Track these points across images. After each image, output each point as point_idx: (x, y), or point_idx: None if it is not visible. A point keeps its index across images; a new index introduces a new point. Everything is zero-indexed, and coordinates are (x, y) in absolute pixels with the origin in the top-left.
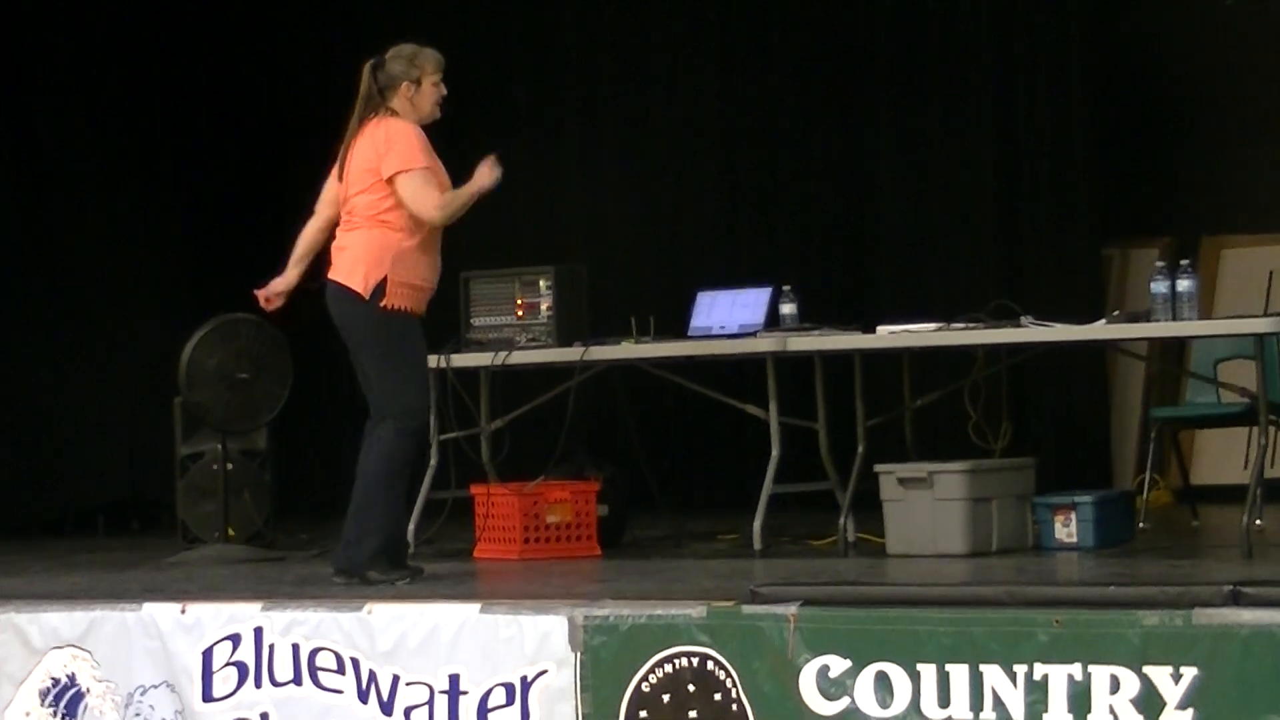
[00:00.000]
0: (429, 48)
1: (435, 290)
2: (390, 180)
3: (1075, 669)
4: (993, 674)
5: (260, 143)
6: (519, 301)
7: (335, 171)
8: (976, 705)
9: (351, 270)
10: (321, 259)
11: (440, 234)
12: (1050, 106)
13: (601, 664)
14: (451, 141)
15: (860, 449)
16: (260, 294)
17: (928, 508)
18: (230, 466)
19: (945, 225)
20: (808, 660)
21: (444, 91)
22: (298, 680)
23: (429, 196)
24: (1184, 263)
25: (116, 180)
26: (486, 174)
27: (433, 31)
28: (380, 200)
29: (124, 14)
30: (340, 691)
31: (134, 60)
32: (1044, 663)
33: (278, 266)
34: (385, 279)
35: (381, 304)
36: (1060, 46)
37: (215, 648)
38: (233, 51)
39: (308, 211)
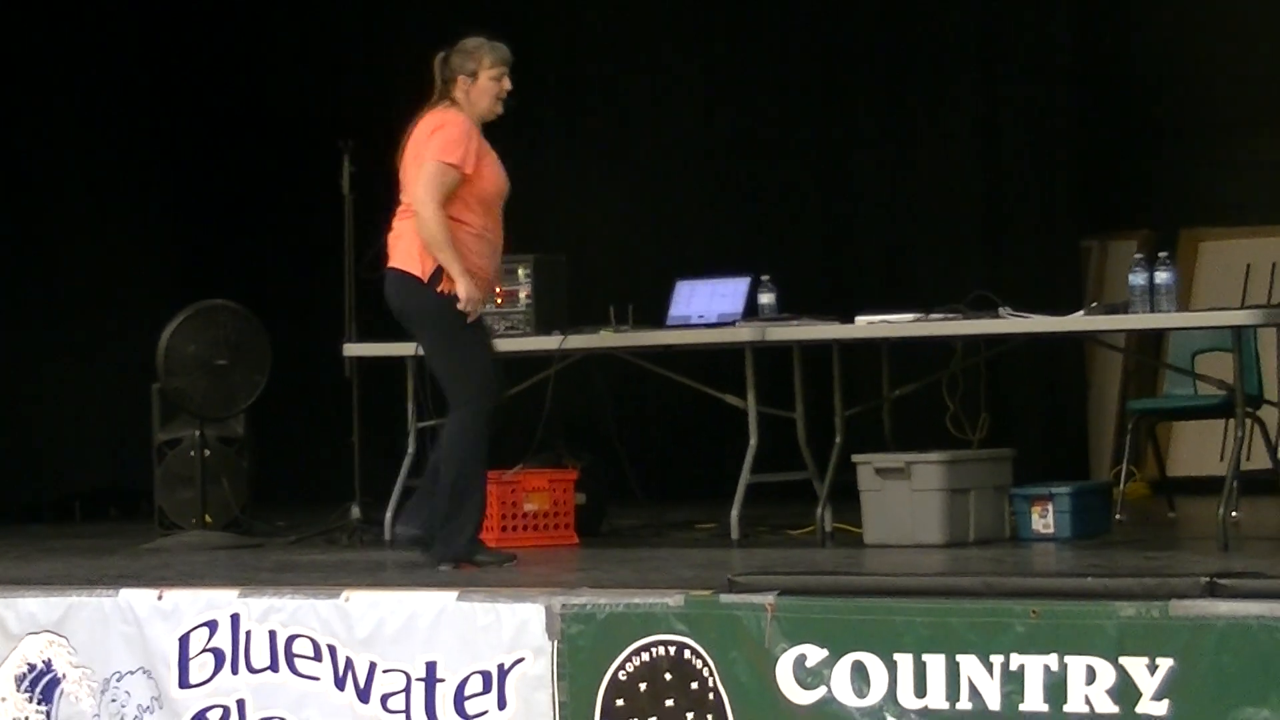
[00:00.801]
0: (496, 42)
1: (497, 279)
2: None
3: (1052, 660)
4: (969, 664)
5: (245, 137)
6: (498, 290)
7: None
8: (953, 695)
9: (409, 255)
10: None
11: (500, 222)
12: (1031, 99)
13: (579, 652)
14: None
15: (838, 439)
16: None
17: (905, 498)
18: (208, 453)
19: (925, 216)
20: (785, 649)
21: (506, 87)
22: (274, 667)
23: (429, 195)
24: (1162, 255)
25: (99, 170)
26: (465, 290)
27: (416, 24)
28: None
29: (111, 10)
30: (317, 678)
31: (120, 56)
32: (1020, 653)
33: (255, 254)
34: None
35: (440, 287)
36: (1044, 39)
37: (192, 634)
38: (219, 48)
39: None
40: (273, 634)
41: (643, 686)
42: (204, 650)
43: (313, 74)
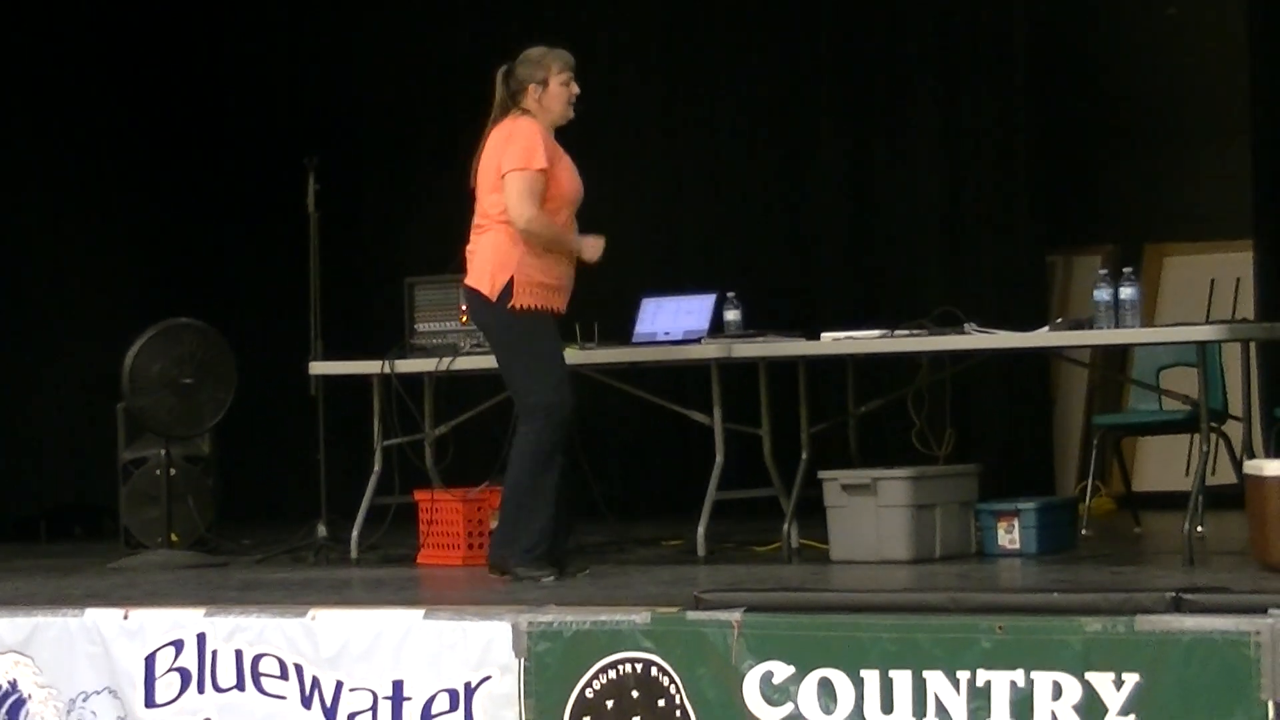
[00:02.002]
0: (558, 49)
1: (572, 286)
2: (504, 176)
3: (1018, 675)
4: (936, 680)
5: (210, 154)
6: (463, 307)
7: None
8: (919, 711)
9: (480, 273)
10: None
11: (575, 227)
12: (994, 113)
13: (546, 670)
14: (396, 144)
15: (804, 455)
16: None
17: (871, 514)
18: (173, 472)
19: (890, 233)
20: (751, 666)
21: (575, 90)
22: (241, 686)
23: (527, 206)
24: (1127, 270)
25: (63, 187)
26: (593, 248)
27: (381, 41)
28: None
29: (73, 24)
30: (283, 698)
31: (82, 70)
32: (987, 669)
33: (221, 273)
34: (512, 279)
35: (510, 305)
36: (1004, 55)
37: (158, 653)
38: (184, 63)
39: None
40: (239, 653)
41: (610, 704)
42: (170, 670)
43: (278, 90)
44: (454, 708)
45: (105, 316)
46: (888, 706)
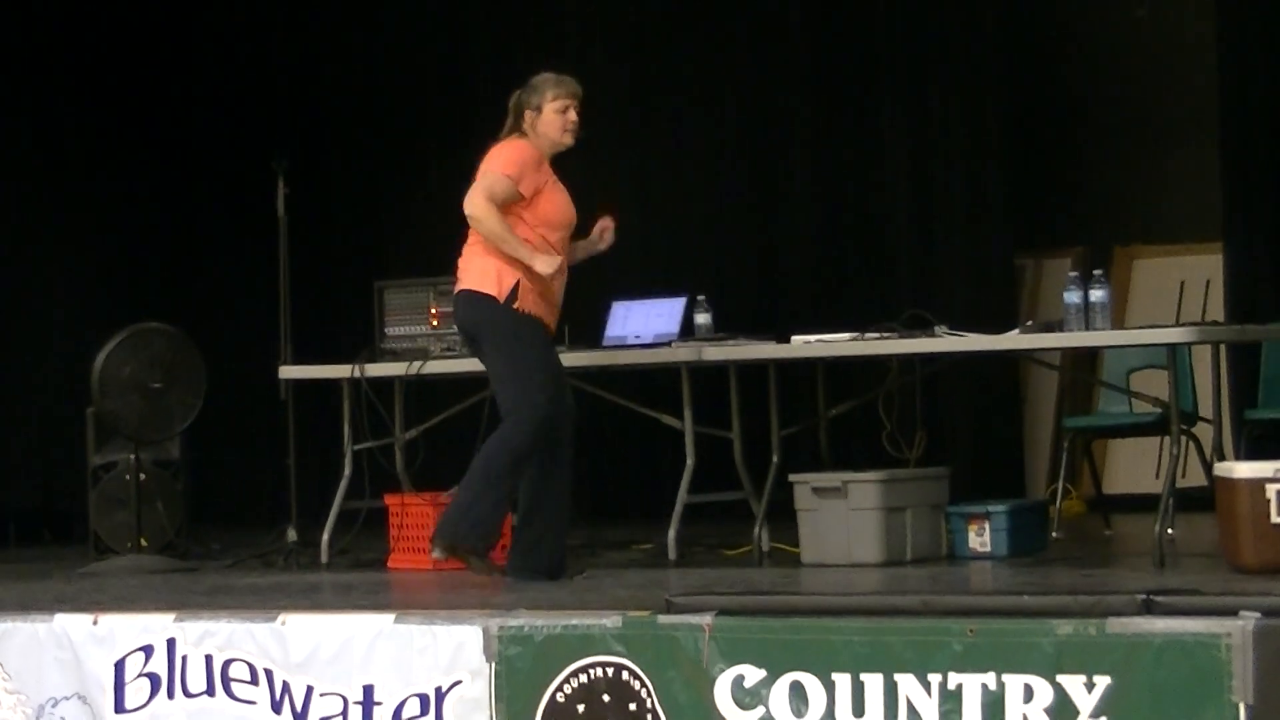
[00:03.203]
0: (565, 77)
1: (561, 310)
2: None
3: (989, 678)
4: (907, 683)
5: (179, 157)
6: (433, 310)
7: None
8: (891, 714)
9: (483, 276)
10: None
11: (565, 250)
12: (963, 115)
13: (516, 674)
14: (365, 148)
15: (775, 458)
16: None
17: (842, 517)
18: (143, 476)
19: (859, 235)
20: (722, 670)
21: (572, 119)
22: (211, 691)
23: (479, 196)
24: (1097, 273)
25: (28, 186)
26: (544, 264)
27: (351, 46)
28: (504, 215)
29: (41, 29)
30: (254, 703)
31: (51, 75)
32: (958, 672)
33: (190, 277)
34: (518, 282)
35: (516, 306)
36: (974, 58)
37: (128, 659)
38: (153, 68)
39: None
40: (209, 658)
41: (580, 708)
42: (140, 675)
43: (247, 94)
44: (424, 712)
45: (75, 321)
46: (859, 709)
